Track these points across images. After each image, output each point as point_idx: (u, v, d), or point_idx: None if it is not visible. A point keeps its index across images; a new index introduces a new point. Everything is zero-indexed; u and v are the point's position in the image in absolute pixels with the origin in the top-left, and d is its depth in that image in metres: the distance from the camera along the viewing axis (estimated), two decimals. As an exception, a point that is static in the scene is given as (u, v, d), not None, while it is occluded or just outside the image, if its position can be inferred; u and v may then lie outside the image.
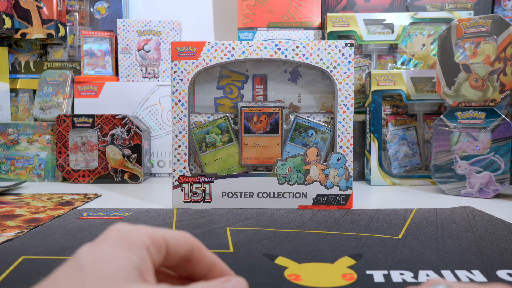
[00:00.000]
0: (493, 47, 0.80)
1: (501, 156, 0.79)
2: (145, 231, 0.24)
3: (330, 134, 0.74)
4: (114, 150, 0.98)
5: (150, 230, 0.25)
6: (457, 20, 0.83)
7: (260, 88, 0.77)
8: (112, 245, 0.23)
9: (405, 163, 1.01)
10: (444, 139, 0.85)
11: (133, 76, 1.13)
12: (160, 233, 0.25)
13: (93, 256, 0.22)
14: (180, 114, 0.72)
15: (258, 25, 1.11)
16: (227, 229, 0.57)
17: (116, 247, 0.22)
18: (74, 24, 1.17)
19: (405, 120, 1.02)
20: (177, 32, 1.14)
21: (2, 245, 0.50)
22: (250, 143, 0.74)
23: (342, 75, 0.71)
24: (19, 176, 1.01)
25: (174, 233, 0.26)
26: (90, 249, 0.22)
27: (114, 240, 0.23)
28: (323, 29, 1.09)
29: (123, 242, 0.23)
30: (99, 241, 0.23)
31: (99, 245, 0.23)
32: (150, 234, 0.24)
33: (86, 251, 0.22)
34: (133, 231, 0.24)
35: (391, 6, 1.09)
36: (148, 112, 1.09)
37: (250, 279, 0.39)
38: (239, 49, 0.71)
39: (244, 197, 0.72)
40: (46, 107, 1.08)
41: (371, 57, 1.06)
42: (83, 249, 0.22)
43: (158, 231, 0.25)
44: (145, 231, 0.24)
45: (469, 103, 0.82)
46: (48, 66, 1.18)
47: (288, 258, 0.45)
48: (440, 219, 0.62)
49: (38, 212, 0.67)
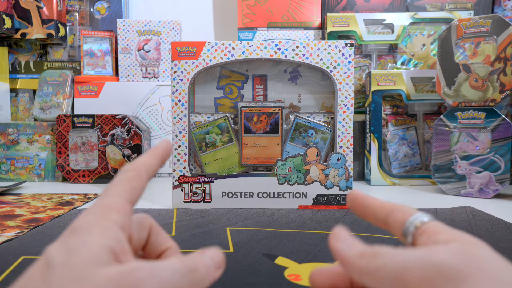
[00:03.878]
0: (493, 47, 0.80)
1: (501, 156, 0.79)
2: (110, 207, 0.23)
3: (330, 134, 0.74)
4: (114, 150, 0.98)
5: (114, 203, 0.23)
6: (457, 20, 0.83)
7: (260, 88, 0.77)
8: (82, 234, 0.21)
9: (405, 163, 1.01)
10: (444, 139, 0.85)
11: (133, 76, 1.13)
12: (120, 201, 0.24)
13: (62, 249, 0.20)
14: (180, 114, 0.72)
15: (258, 25, 1.11)
16: (227, 229, 0.57)
17: (87, 234, 0.21)
18: (74, 24, 1.17)
19: (405, 120, 1.02)
20: (177, 32, 1.14)
21: (2, 245, 0.50)
22: (250, 143, 0.74)
23: (342, 75, 0.71)
24: (19, 176, 1.01)
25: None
26: (59, 244, 0.21)
27: (84, 229, 0.21)
28: (323, 29, 1.09)
29: (95, 227, 0.22)
30: (69, 233, 0.22)
31: (69, 238, 0.21)
32: (116, 208, 0.23)
33: (55, 247, 0.21)
34: (102, 214, 0.22)
35: (391, 6, 1.09)
36: (148, 112, 1.09)
37: (250, 279, 0.39)
38: (239, 49, 0.71)
39: (244, 197, 0.72)
40: (46, 107, 1.08)
41: (371, 57, 1.06)
42: (52, 246, 0.21)
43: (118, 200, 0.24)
44: (110, 207, 0.23)
45: (469, 103, 0.82)
46: (48, 66, 1.18)
47: (288, 258, 0.45)
48: (440, 219, 0.62)
49: (38, 212, 0.67)
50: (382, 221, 0.25)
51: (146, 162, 0.26)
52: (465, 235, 0.22)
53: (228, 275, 0.40)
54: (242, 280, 0.39)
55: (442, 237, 0.21)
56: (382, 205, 0.25)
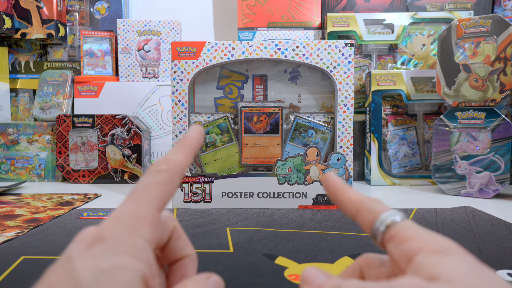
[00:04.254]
0: (493, 47, 0.80)
1: (501, 156, 0.79)
2: (141, 220, 0.22)
3: (330, 134, 0.74)
4: (114, 150, 0.98)
5: (146, 215, 0.22)
6: (457, 20, 0.83)
7: (260, 88, 0.77)
8: (115, 252, 0.19)
9: (405, 163, 1.00)
10: (444, 139, 0.85)
11: (133, 76, 1.13)
12: (152, 212, 0.23)
13: (93, 268, 0.19)
14: (180, 114, 0.72)
15: (258, 25, 1.11)
16: (227, 229, 0.57)
17: (120, 255, 0.19)
18: (74, 24, 1.17)
19: (405, 120, 1.02)
20: (177, 32, 1.14)
21: (2, 245, 0.50)
22: (250, 143, 0.74)
23: (342, 75, 0.71)
24: (19, 176, 1.01)
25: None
26: (88, 257, 0.19)
27: (115, 244, 0.20)
28: (323, 29, 1.09)
29: (126, 243, 0.20)
30: (95, 241, 0.20)
31: (99, 252, 0.19)
32: (148, 220, 0.22)
33: (83, 261, 0.19)
34: (133, 227, 0.21)
35: (391, 6, 1.09)
36: (148, 112, 1.09)
37: (250, 279, 0.39)
38: (239, 49, 0.71)
39: (244, 197, 0.72)
40: (46, 107, 1.08)
41: (371, 57, 1.06)
42: (77, 253, 0.19)
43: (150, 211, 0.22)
44: (141, 220, 0.22)
45: (469, 103, 0.82)
46: (48, 66, 1.18)
47: (288, 258, 0.45)
48: (440, 219, 0.62)
49: (38, 212, 0.67)
50: (352, 216, 0.25)
51: (180, 163, 0.25)
52: (436, 240, 0.21)
53: (228, 275, 0.40)
54: (242, 280, 0.39)
55: (412, 246, 0.21)
56: (351, 202, 0.25)
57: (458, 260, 0.19)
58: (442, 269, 0.19)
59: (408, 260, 0.20)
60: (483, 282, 0.18)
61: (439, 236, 0.21)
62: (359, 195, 0.25)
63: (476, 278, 0.18)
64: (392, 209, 0.24)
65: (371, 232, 0.23)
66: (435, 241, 0.21)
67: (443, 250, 0.20)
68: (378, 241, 0.23)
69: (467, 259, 0.20)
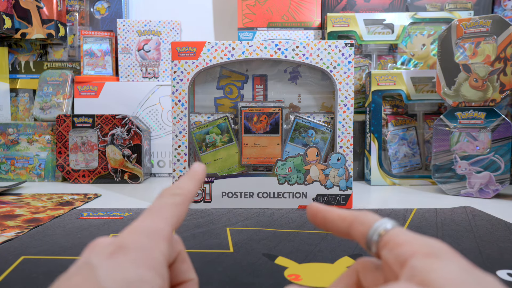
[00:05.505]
0: (493, 47, 0.80)
1: (501, 156, 0.79)
2: (160, 235, 0.23)
3: (330, 134, 0.74)
4: (114, 150, 0.98)
5: (164, 230, 0.23)
6: (457, 20, 0.83)
7: (260, 88, 0.77)
8: (139, 264, 0.20)
9: (405, 163, 1.01)
10: (444, 139, 0.85)
11: (133, 76, 1.13)
12: (169, 229, 0.24)
13: (117, 278, 0.19)
14: (180, 114, 0.72)
15: (258, 25, 1.11)
16: (227, 229, 0.57)
17: (144, 268, 0.20)
18: (74, 24, 1.17)
19: (405, 120, 1.02)
20: (177, 32, 1.14)
21: (2, 245, 0.50)
22: (250, 143, 0.74)
23: (342, 75, 0.71)
24: (19, 176, 1.01)
25: None
26: (111, 266, 0.20)
27: (138, 256, 0.20)
28: (323, 29, 1.09)
29: (147, 256, 0.21)
30: (117, 251, 0.21)
31: (122, 262, 0.20)
32: (165, 236, 0.23)
33: (107, 268, 0.19)
34: (153, 240, 0.22)
35: (391, 6, 1.09)
36: (148, 112, 1.09)
37: (250, 279, 0.39)
38: (239, 49, 0.71)
39: (244, 197, 0.72)
40: (46, 107, 1.08)
41: (371, 57, 1.06)
42: (99, 261, 0.20)
43: (167, 227, 0.23)
44: (160, 235, 0.23)
45: (469, 103, 0.82)
46: (48, 66, 1.18)
47: (288, 258, 0.45)
48: (440, 219, 0.62)
49: (38, 212, 0.67)
50: (345, 234, 0.25)
51: (192, 190, 0.26)
52: (428, 243, 0.21)
53: (228, 275, 0.40)
54: (242, 280, 0.39)
55: (405, 250, 0.21)
56: (342, 218, 0.25)
57: (450, 264, 0.20)
58: (435, 275, 0.19)
59: (402, 264, 0.21)
60: (476, 286, 0.18)
61: (431, 239, 0.21)
62: (349, 211, 0.25)
63: (468, 281, 0.18)
64: (384, 218, 0.24)
65: (366, 244, 0.24)
66: (428, 244, 0.21)
67: (435, 253, 0.20)
68: (373, 252, 0.23)
69: (459, 262, 0.20)
